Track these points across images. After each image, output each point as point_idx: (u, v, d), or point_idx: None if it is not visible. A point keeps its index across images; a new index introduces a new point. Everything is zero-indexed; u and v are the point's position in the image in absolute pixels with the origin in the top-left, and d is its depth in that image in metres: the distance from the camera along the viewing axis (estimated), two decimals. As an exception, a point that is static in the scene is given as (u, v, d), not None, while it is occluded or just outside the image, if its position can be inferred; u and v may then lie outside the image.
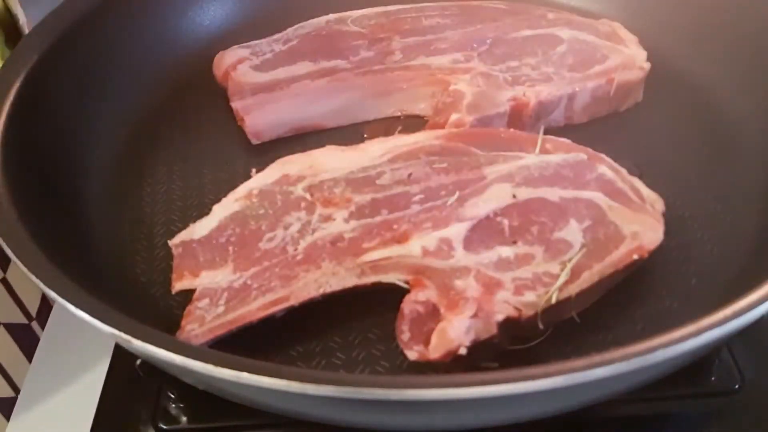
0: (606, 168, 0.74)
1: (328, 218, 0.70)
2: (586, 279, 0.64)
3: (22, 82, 0.76)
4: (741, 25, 0.89)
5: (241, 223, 0.71)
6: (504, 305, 0.62)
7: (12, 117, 0.73)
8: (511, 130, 0.81)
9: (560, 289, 0.63)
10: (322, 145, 0.79)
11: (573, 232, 0.67)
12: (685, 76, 0.92)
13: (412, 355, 0.62)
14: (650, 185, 0.73)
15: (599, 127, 0.88)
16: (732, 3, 0.91)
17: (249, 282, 0.66)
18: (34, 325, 0.88)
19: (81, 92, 0.84)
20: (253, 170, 0.76)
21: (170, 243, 0.71)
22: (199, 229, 0.71)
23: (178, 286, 0.68)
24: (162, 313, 0.70)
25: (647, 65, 0.88)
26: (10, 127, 0.72)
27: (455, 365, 0.60)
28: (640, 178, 0.74)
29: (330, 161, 0.76)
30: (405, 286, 0.66)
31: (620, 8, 1.01)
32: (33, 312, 0.88)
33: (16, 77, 0.76)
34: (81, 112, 0.83)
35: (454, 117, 0.82)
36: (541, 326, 0.63)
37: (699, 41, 0.93)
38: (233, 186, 0.75)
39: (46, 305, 0.90)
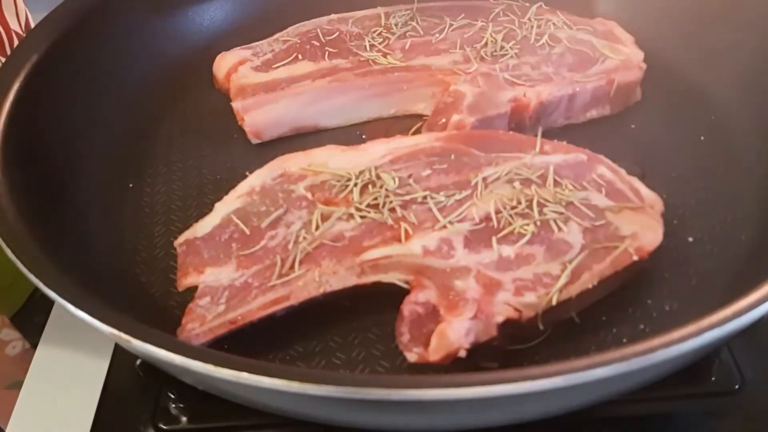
0: (605, 168, 0.74)
1: (328, 217, 0.70)
2: (586, 280, 0.64)
3: (21, 83, 0.76)
4: (737, 22, 0.89)
5: (243, 220, 0.71)
6: (504, 306, 0.62)
7: (12, 117, 0.73)
8: (511, 132, 0.81)
9: (560, 290, 0.63)
10: (322, 145, 0.79)
11: (573, 233, 0.67)
12: (683, 75, 0.92)
13: (411, 357, 0.62)
14: (650, 185, 0.73)
15: (599, 128, 0.88)
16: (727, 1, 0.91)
17: (250, 280, 0.66)
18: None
19: (81, 92, 0.84)
20: (246, 173, 0.76)
21: (175, 243, 0.71)
22: (202, 226, 0.71)
23: (184, 283, 0.68)
24: (162, 313, 0.70)
25: (644, 65, 0.89)
26: (10, 127, 0.72)
27: (455, 365, 0.60)
28: (641, 178, 0.74)
29: (331, 161, 0.76)
30: (405, 286, 0.66)
31: (617, 7, 1.02)
32: None
33: (16, 77, 0.76)
34: (81, 112, 0.83)
35: (455, 118, 0.82)
36: (541, 327, 0.63)
37: (695, 40, 0.93)
38: (233, 186, 0.75)
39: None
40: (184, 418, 0.67)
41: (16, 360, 0.82)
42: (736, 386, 0.67)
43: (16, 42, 0.93)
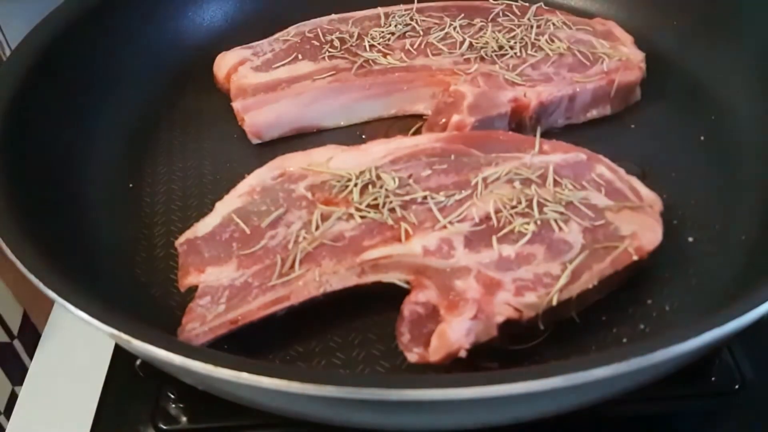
0: (604, 168, 0.74)
1: (328, 217, 0.70)
2: (587, 280, 0.64)
3: (21, 82, 0.76)
4: (737, 22, 0.89)
5: (244, 220, 0.71)
6: (504, 306, 0.62)
7: (11, 117, 0.73)
8: (510, 132, 0.81)
9: (561, 290, 0.63)
10: (322, 145, 0.79)
11: (573, 233, 0.67)
12: (683, 75, 0.92)
13: (412, 357, 0.62)
14: (650, 185, 0.73)
15: (599, 128, 0.88)
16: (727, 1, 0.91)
17: (250, 280, 0.66)
18: (16, 343, 0.87)
19: (81, 92, 0.84)
20: (246, 173, 0.76)
21: (176, 243, 0.71)
22: (203, 226, 0.71)
23: (185, 283, 0.68)
24: (162, 313, 0.70)
25: (644, 65, 0.89)
26: (9, 127, 0.72)
27: (455, 365, 0.60)
28: (641, 178, 0.74)
29: (331, 161, 0.76)
30: (405, 286, 0.66)
31: (616, 7, 1.02)
32: (15, 330, 0.87)
33: (15, 76, 0.76)
34: (81, 113, 0.83)
35: (455, 118, 0.82)
36: (541, 327, 0.63)
37: (695, 40, 0.93)
38: (233, 186, 0.75)
39: (28, 324, 0.88)
40: (184, 418, 0.67)
41: None
42: (736, 386, 0.67)
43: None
